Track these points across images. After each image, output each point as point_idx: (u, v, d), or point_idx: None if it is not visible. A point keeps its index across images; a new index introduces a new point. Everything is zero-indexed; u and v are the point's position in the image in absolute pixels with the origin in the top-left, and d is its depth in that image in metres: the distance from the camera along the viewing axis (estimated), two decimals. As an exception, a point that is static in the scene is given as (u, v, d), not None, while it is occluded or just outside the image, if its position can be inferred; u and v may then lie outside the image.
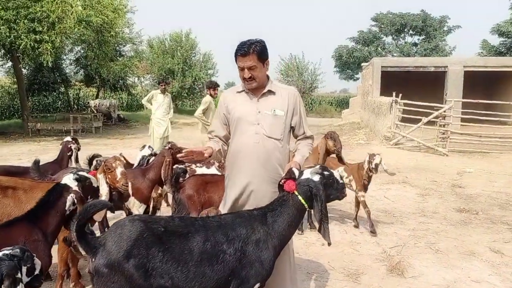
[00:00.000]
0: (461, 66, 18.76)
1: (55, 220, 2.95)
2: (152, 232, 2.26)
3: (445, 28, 38.24)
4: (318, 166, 2.75)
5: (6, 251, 2.30)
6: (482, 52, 33.26)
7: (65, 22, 14.83)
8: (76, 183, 3.12)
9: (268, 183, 2.98)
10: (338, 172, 5.74)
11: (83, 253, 2.39)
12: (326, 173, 2.71)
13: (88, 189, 3.19)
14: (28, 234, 2.73)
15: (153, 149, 5.58)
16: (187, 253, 2.30)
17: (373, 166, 5.38)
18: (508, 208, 6.88)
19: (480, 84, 21.42)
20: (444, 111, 13.05)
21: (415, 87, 20.74)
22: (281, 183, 2.74)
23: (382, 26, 38.94)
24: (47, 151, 12.68)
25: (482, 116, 13.50)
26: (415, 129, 13.06)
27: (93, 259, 2.21)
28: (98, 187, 3.39)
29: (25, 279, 2.32)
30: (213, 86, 8.63)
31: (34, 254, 2.42)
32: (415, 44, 39.07)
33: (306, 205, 2.63)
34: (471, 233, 5.65)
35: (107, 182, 3.79)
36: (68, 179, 3.15)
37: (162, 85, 10.35)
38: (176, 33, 31.47)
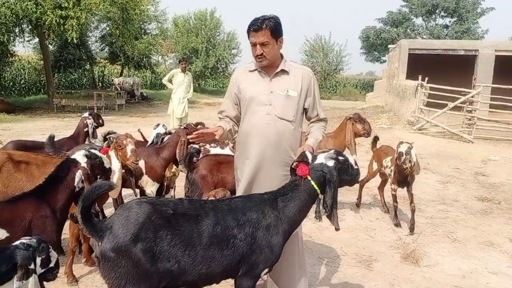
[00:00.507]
0: (492, 50, 18.07)
1: (64, 195, 2.96)
2: (161, 215, 2.20)
3: (478, 10, 36.83)
4: (332, 151, 2.64)
5: (24, 239, 2.31)
6: (515, 36, 32.02)
7: (90, -2, 14.89)
8: (85, 160, 3.11)
9: (279, 165, 2.90)
10: (386, 161, 5.42)
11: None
12: (340, 158, 2.61)
13: (97, 167, 3.17)
14: (35, 210, 2.74)
15: (166, 128, 5.55)
16: (196, 236, 2.24)
17: (396, 155, 4.85)
18: (532, 199, 6.64)
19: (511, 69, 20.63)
20: (472, 97, 12.63)
21: (443, 71, 20.08)
22: (293, 166, 2.66)
23: (413, 7, 37.75)
24: (70, 127, 12.85)
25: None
26: (440, 114, 12.68)
27: (100, 243, 2.15)
28: (109, 167, 3.36)
29: (39, 270, 2.31)
30: None
31: (51, 247, 2.41)
32: (446, 27, 37.84)
33: (318, 190, 2.54)
34: (491, 223, 5.48)
35: (118, 159, 3.78)
36: (78, 155, 3.15)
37: (182, 64, 10.30)
38: (200, 12, 31.34)
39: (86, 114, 5.93)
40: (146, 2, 21.05)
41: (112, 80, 26.14)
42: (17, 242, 2.28)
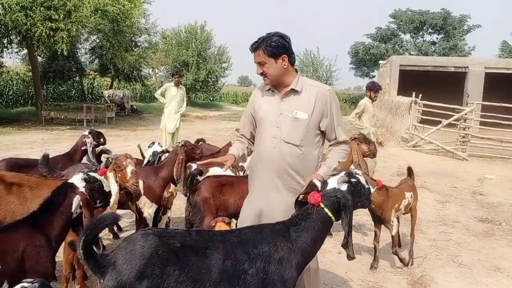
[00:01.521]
0: (482, 67, 18.29)
1: (60, 223, 2.75)
2: (168, 248, 2.03)
3: (465, 27, 37.47)
4: (343, 173, 2.47)
5: (26, 284, 2.12)
6: (502, 54, 32.58)
7: (81, 10, 14.73)
8: (83, 184, 2.92)
9: (284, 191, 2.76)
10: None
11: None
12: (353, 180, 2.43)
13: (97, 191, 2.99)
14: (29, 239, 2.52)
15: (162, 146, 5.35)
16: (204, 272, 2.07)
17: None
18: (532, 220, 6.57)
19: (500, 87, 20.85)
20: (465, 114, 12.65)
21: (432, 87, 20.21)
22: (299, 198, 2.49)
23: (401, 23, 38.30)
24: (59, 140, 12.60)
25: (503, 120, 13.04)
26: (434, 131, 12.67)
27: (101, 280, 1.97)
28: (109, 191, 3.18)
29: None
30: (375, 88, 7.22)
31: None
32: (434, 43, 38.40)
33: (333, 218, 2.37)
34: (495, 245, 5.38)
35: (117, 181, 3.59)
36: (76, 179, 2.96)
37: (175, 78, 10.17)
38: (191, 25, 31.31)
39: (86, 133, 5.53)
40: (137, 14, 20.91)
41: (102, 92, 25.83)
42: (17, 287, 2.08)
